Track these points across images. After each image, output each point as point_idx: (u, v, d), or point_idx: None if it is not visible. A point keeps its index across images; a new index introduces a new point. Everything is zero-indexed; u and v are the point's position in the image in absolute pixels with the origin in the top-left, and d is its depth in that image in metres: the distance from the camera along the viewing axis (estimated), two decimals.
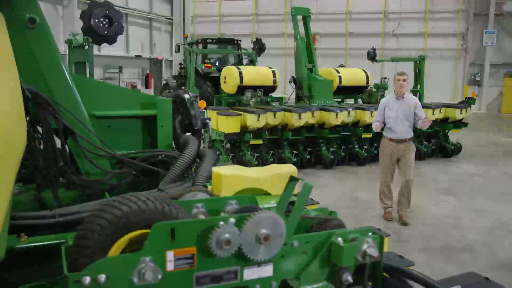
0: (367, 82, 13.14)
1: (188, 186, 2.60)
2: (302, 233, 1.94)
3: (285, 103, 12.89)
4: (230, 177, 2.24)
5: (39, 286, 1.77)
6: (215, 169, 2.28)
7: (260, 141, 9.19)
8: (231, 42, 17.67)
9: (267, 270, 1.72)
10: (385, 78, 13.22)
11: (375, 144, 10.54)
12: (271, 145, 9.62)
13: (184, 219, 1.63)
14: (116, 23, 4.84)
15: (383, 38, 25.31)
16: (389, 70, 21.40)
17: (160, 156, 3.08)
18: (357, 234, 1.82)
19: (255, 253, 1.63)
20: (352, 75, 13.06)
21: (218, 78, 15.41)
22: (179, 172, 2.79)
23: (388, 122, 6.38)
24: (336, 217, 2.13)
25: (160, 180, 2.98)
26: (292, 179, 1.88)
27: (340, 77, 12.57)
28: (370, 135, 10.27)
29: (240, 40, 17.99)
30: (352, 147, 10.28)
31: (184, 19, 29.31)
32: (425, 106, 9.30)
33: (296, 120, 9.13)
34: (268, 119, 8.99)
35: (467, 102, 11.38)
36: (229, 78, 11.97)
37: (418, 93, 12.63)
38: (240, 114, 8.83)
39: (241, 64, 16.51)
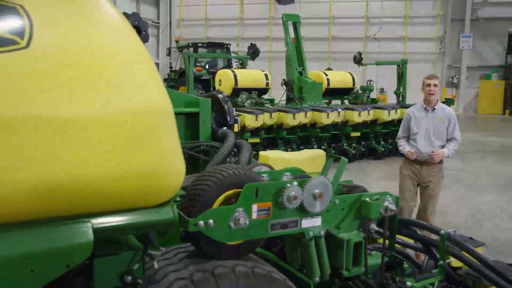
0: (353, 84, 13.92)
1: None
2: None
3: (276, 104, 13.55)
4: (275, 158, 2.89)
5: None
6: (262, 153, 2.93)
7: (257, 140, 9.85)
8: (221, 46, 18.30)
9: (317, 221, 2.37)
10: (371, 80, 14.01)
11: (363, 142, 11.32)
12: (267, 144, 10.29)
13: (263, 182, 2.27)
14: (144, 32, 5.46)
15: (365, 42, 26.22)
16: (371, 72, 22.30)
17: (202, 146, 3.69)
18: (380, 195, 2.49)
19: (312, 207, 2.27)
20: (340, 78, 13.81)
21: (208, 80, 16.06)
22: (222, 158, 3.40)
23: (412, 139, 5.05)
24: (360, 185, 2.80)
25: (201, 166, 3.60)
26: (331, 156, 2.54)
27: (328, 79, 13.30)
28: (358, 134, 11.05)
29: (230, 44, 18.64)
30: (342, 145, 11.02)
31: (170, 23, 29.83)
32: (407, 107, 10.09)
33: (291, 120, 9.83)
34: (265, 119, 9.67)
35: (447, 102, 12.23)
36: (224, 80, 12.58)
37: (401, 95, 13.43)
38: (239, 115, 9.47)
39: (230, 67, 17.15)
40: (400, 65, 13.66)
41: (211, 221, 2.07)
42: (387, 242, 2.61)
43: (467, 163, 11.10)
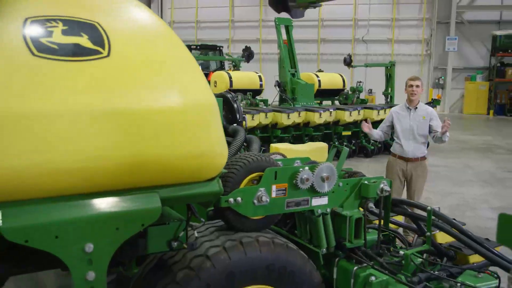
0: (344, 86, 14.43)
1: None
2: None
3: (269, 105, 14.00)
4: (285, 149, 3.32)
5: None
6: (273, 145, 3.37)
7: None
8: (213, 48, 18.74)
9: (324, 200, 2.81)
10: (360, 82, 14.53)
11: (353, 141, 11.81)
12: (262, 142, 10.74)
13: (281, 167, 2.70)
14: None
15: (354, 44, 26.82)
16: (359, 74, 22.85)
17: None
18: (376, 179, 2.94)
19: (321, 187, 2.71)
20: (330, 79, 14.31)
21: None
22: (234, 151, 3.82)
23: (396, 137, 5.46)
24: (359, 171, 3.25)
25: None
26: (334, 147, 2.99)
27: (319, 81, 13.79)
28: (349, 133, 11.54)
29: (222, 46, 19.08)
30: (333, 143, 11.50)
31: None
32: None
33: (285, 119, 10.29)
34: (261, 118, 10.13)
35: (433, 103, 12.81)
36: (220, 82, 13.00)
37: (389, 96, 13.97)
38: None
39: (223, 69, 17.60)
40: (388, 67, 14.20)
41: (239, 198, 2.51)
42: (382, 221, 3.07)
43: (452, 160, 11.66)
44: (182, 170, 1.93)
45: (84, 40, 1.84)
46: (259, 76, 13.38)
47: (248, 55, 15.14)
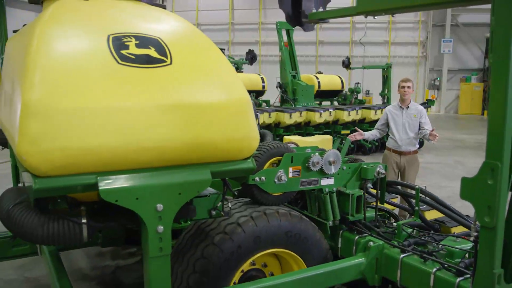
0: (342, 87, 15.05)
1: None
2: None
3: (271, 105, 14.60)
4: (296, 140, 3.92)
5: None
6: (286, 137, 3.96)
7: None
8: None
9: (331, 181, 3.41)
10: (358, 83, 15.13)
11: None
12: None
13: (296, 152, 3.30)
14: None
15: (351, 46, 27.45)
16: (357, 75, 23.50)
17: None
18: (373, 164, 3.54)
19: (328, 170, 3.31)
20: (329, 80, 14.92)
21: None
22: None
23: (391, 133, 6.02)
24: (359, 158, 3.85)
25: None
26: (339, 137, 3.59)
27: (319, 82, 14.41)
28: (348, 131, 12.13)
29: (224, 49, 19.66)
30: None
31: None
32: None
33: (288, 118, 10.90)
34: (264, 118, 10.73)
35: (428, 103, 13.44)
36: None
37: (386, 97, 14.59)
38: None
39: None
40: (385, 69, 14.82)
41: (263, 177, 3.11)
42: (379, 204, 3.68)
43: (445, 157, 12.28)
44: (226, 150, 2.51)
45: (152, 52, 2.43)
46: (262, 78, 13.98)
47: (251, 58, 15.75)
